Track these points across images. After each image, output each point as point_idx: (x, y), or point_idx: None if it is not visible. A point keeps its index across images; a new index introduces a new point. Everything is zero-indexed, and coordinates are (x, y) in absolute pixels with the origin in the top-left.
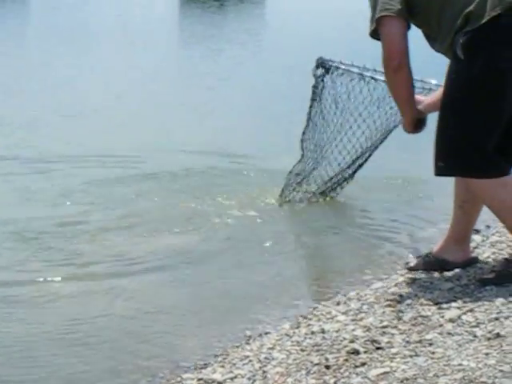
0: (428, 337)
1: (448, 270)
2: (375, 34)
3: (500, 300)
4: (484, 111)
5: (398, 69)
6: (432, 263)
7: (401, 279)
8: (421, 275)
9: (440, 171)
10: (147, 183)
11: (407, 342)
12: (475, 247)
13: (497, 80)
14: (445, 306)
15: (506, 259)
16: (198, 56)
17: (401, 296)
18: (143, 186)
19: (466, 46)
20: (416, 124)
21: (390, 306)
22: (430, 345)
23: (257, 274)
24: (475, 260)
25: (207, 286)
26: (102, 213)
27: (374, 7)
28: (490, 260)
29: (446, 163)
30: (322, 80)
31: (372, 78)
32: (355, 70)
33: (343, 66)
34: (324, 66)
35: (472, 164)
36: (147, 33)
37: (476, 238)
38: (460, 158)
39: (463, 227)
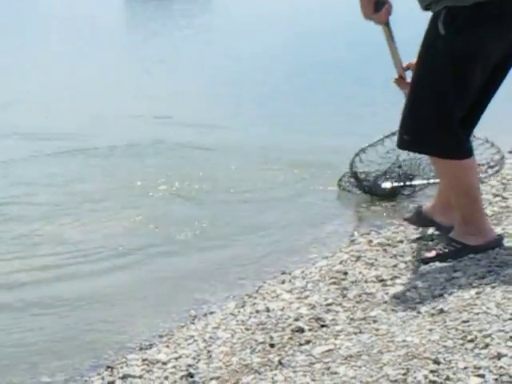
0: (372, 314)
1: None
2: None
3: (444, 276)
4: (458, 90)
5: None
6: (423, 220)
7: (345, 257)
8: (365, 253)
9: (405, 145)
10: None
11: (351, 319)
12: None
13: (475, 61)
14: (389, 282)
15: (448, 237)
16: (138, 40)
17: (345, 273)
18: (87, 164)
19: (450, 23)
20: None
21: (334, 283)
22: (375, 322)
23: (201, 254)
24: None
25: (151, 268)
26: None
27: None
28: (434, 236)
29: (412, 137)
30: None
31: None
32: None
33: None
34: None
35: (440, 143)
36: (89, 19)
37: None
38: (429, 136)
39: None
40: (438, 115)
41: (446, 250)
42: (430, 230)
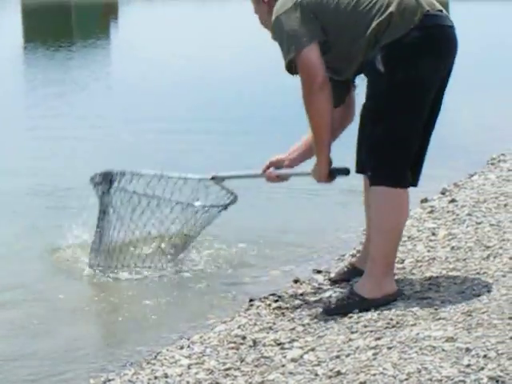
0: (270, 377)
1: None
2: (290, 68)
3: (341, 338)
4: (408, 118)
5: (323, 85)
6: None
7: (244, 321)
8: (264, 317)
9: (371, 181)
10: None
11: (250, 383)
12: (318, 287)
13: (417, 87)
14: (287, 346)
15: (350, 288)
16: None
17: (244, 338)
18: None
19: (386, 59)
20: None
21: (233, 348)
22: None
23: (98, 321)
24: None
25: (46, 335)
26: None
27: (286, 40)
28: (332, 299)
29: (376, 173)
30: (108, 192)
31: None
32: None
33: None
34: (108, 179)
35: (401, 174)
36: None
37: (318, 277)
38: (391, 169)
39: None
40: (398, 148)
41: (345, 303)
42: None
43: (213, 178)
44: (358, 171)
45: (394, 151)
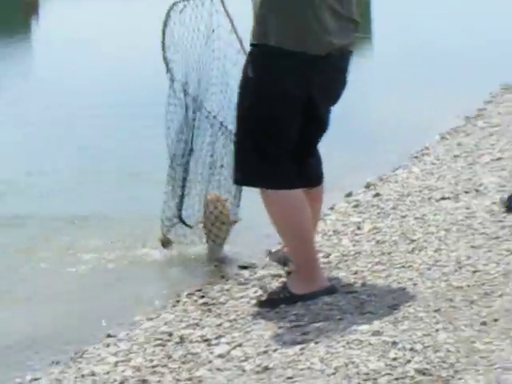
0: (198, 374)
1: None
2: None
3: (268, 333)
4: (272, 127)
5: None
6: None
7: (170, 318)
8: (190, 313)
9: (239, 181)
10: None
11: (177, 380)
12: (244, 283)
13: (282, 100)
14: (214, 342)
15: (284, 282)
16: None
17: (170, 334)
18: None
19: (257, 64)
20: None
21: (159, 345)
22: (200, 382)
23: (21, 319)
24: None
25: None
26: None
27: None
28: (257, 294)
29: (243, 174)
30: None
31: None
32: None
33: None
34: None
35: (267, 176)
36: None
37: (244, 272)
38: (255, 171)
39: None
40: (258, 151)
41: (275, 297)
42: None
43: None
44: None
45: (253, 153)
